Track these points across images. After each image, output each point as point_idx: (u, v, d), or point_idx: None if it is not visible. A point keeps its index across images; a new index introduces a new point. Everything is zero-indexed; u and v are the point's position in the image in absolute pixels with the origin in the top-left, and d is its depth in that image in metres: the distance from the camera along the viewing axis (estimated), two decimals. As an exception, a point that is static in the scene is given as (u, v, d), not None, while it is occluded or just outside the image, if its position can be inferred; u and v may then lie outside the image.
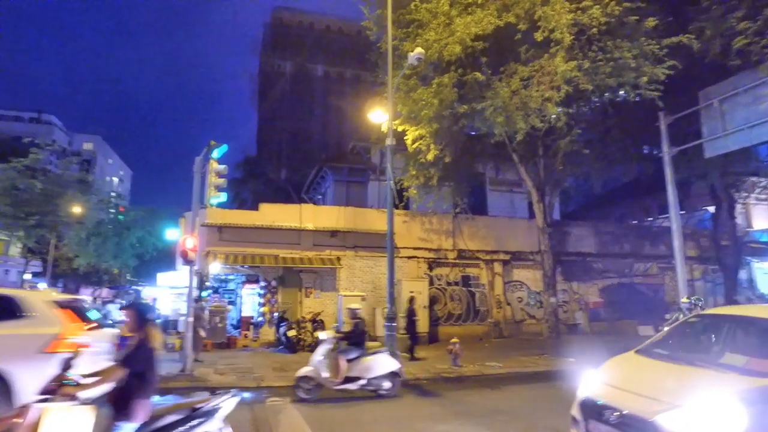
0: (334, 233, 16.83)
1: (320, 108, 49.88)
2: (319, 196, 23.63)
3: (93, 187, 30.25)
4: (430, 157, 14.00)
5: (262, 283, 16.71)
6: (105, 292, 37.09)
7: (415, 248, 17.97)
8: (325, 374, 8.46)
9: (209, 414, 3.91)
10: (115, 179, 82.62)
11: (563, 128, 12.62)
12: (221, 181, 12.80)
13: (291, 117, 47.67)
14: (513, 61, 12.49)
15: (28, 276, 30.68)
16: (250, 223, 16.50)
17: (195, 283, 12.83)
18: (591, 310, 19.47)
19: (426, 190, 16.21)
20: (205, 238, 15.75)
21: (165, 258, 29.95)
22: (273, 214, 16.75)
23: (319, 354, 8.59)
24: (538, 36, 11.26)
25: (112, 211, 32.72)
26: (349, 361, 8.66)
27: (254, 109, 52.55)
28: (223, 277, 17.25)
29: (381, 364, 8.68)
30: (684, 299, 10.41)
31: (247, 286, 17.09)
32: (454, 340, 12.03)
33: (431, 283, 17.94)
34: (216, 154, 12.75)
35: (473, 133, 16.29)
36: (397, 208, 14.72)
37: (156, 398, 3.91)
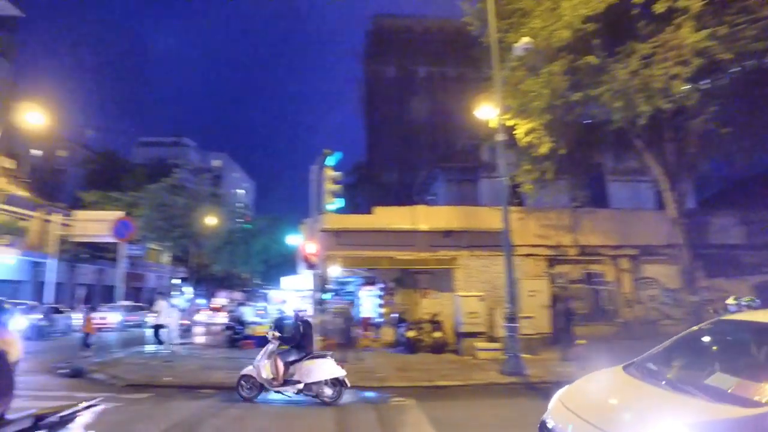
0: (447, 233, 16.81)
1: (426, 109, 50.08)
2: (431, 197, 23.78)
3: (223, 200, 33.52)
4: (543, 150, 13.38)
5: (380, 285, 17.21)
6: (238, 294, 40.87)
7: (532, 246, 17.30)
8: (266, 375, 8.46)
9: (57, 426, 3.20)
10: (241, 191, 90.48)
11: (695, 106, 11.33)
12: (337, 187, 13.44)
13: (397, 120, 48.51)
14: (630, 40, 11.50)
15: (176, 281, 34.91)
16: (365, 226, 17.07)
17: (317, 286, 13.61)
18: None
19: (541, 185, 15.52)
20: (324, 242, 16.61)
21: (288, 263, 32.23)
22: (387, 217, 17.17)
23: (262, 355, 8.64)
24: (659, 7, 10.21)
25: (240, 220, 35.90)
26: (289, 363, 8.60)
27: (362, 114, 54.46)
28: (342, 280, 18.09)
29: (321, 369, 8.41)
30: (731, 300, 8.55)
31: (366, 288, 17.70)
32: (581, 341, 11.42)
33: (552, 281, 17.15)
34: (330, 161, 13.44)
35: (589, 121, 15.28)
36: (511, 204, 14.30)
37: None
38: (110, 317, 24.62)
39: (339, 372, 8.48)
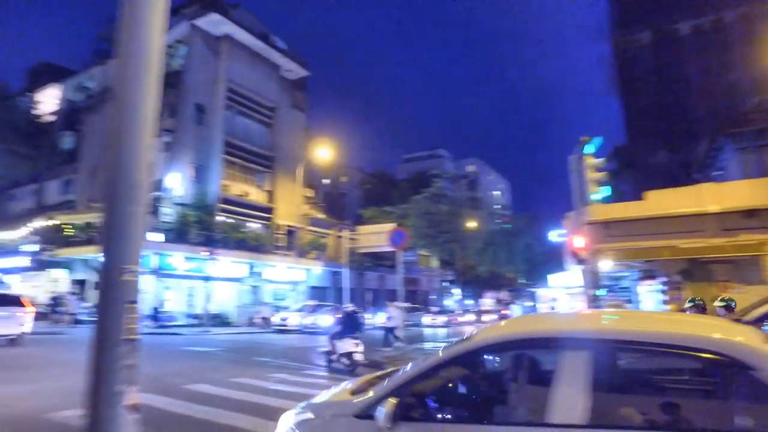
0: (750, 213, 13.77)
1: (695, 71, 42.23)
2: (717, 173, 19.89)
3: (482, 203, 34.74)
4: None
5: (662, 279, 15.20)
6: (504, 295, 41.55)
7: None
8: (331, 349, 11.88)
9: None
10: (497, 193, 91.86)
11: None
12: (600, 175, 12.54)
13: (659, 92, 42.15)
14: None
15: (445, 283, 37.66)
16: (636, 214, 15.37)
17: (588, 282, 12.84)
18: None
19: None
20: (592, 235, 15.56)
21: (552, 260, 31.27)
22: (662, 202, 15.10)
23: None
24: None
25: (498, 221, 36.54)
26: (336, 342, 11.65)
27: (613, 94, 49.24)
28: (615, 275, 16.64)
29: (342, 346, 11.34)
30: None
31: (644, 282, 15.88)
32: None
33: None
34: (590, 149, 12.61)
35: None
36: None
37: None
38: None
39: (353, 349, 11.17)
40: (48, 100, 37.59)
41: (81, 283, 29.79)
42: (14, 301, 15.27)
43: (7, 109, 31.11)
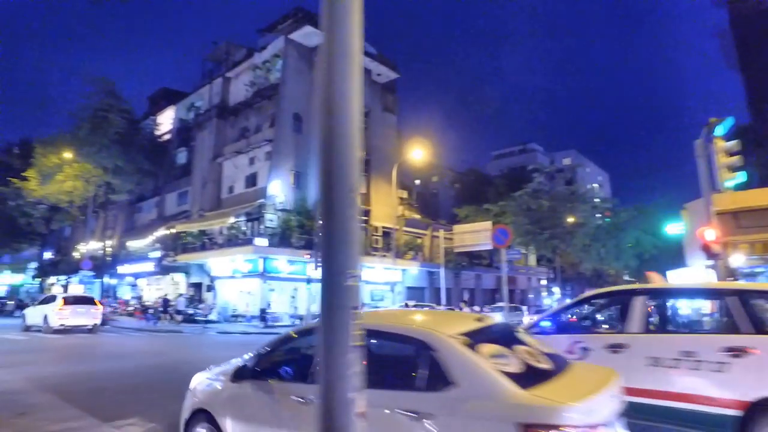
0: None
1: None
2: None
3: (583, 197, 32.79)
4: None
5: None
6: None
7: None
8: None
9: None
10: (596, 186, 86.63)
11: None
12: (734, 159, 11.26)
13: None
14: None
15: (543, 282, 36.02)
16: (776, 202, 13.54)
17: (723, 279, 11.53)
18: None
19: None
20: (720, 227, 14.00)
21: (665, 255, 28.68)
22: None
23: None
24: None
25: (598, 216, 34.29)
26: None
27: (731, 67, 44.30)
28: (748, 271, 14.80)
29: None
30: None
31: (789, 277, 13.96)
32: None
33: None
34: (720, 131, 11.36)
35: None
36: None
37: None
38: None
39: None
40: (165, 121, 41.42)
41: (197, 285, 32.39)
42: (90, 301, 21.49)
43: (134, 132, 34.65)
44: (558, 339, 5.61)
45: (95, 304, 21.32)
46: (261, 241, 26.60)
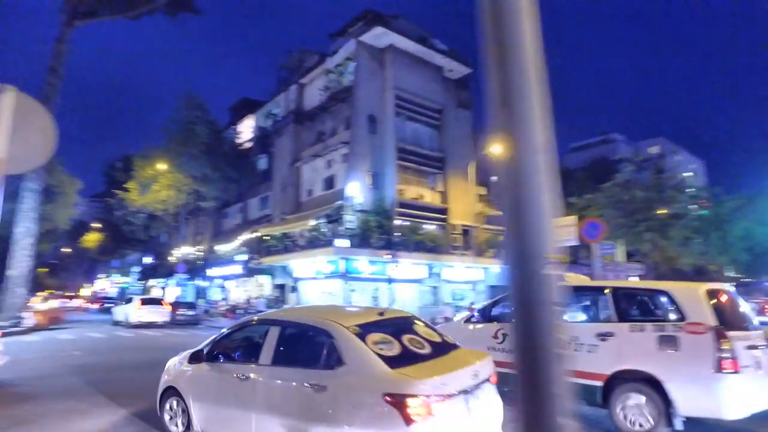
0: None
1: None
2: None
3: (678, 187, 30.14)
4: None
5: None
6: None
7: None
8: None
9: None
10: (688, 174, 79.89)
11: None
12: None
13: None
14: None
15: (634, 279, 33.39)
16: None
17: None
18: None
19: None
20: None
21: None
22: None
23: None
24: None
25: (693, 206, 31.38)
26: None
27: None
28: None
29: None
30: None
31: None
32: None
33: None
34: None
35: None
36: None
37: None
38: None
39: None
40: (246, 130, 43.33)
41: (281, 287, 33.47)
42: (159, 302, 27.45)
43: (218, 141, 36.57)
44: (488, 327, 7.58)
45: (163, 305, 26.93)
46: (342, 242, 26.93)
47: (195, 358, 5.25)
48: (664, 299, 6.09)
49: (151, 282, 52.07)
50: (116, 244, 51.70)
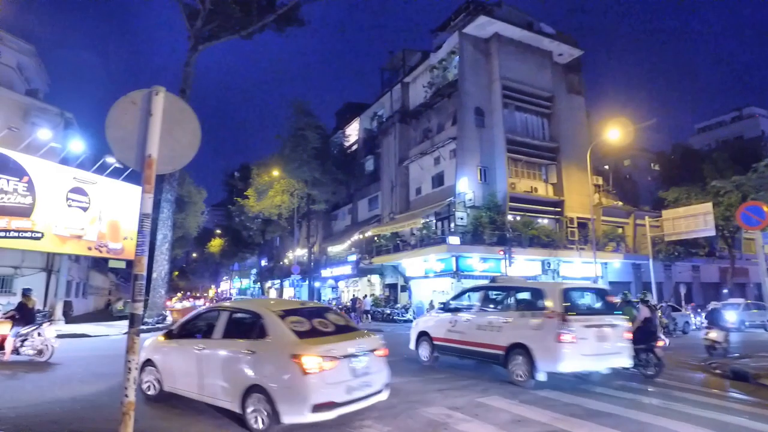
0: None
1: None
2: None
3: None
4: None
5: None
6: None
7: None
8: None
9: None
10: None
11: None
12: None
13: None
14: None
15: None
16: None
17: None
18: None
19: None
20: None
21: None
22: None
23: None
24: None
25: None
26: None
27: None
28: None
29: None
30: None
31: None
32: None
33: None
34: None
35: None
36: None
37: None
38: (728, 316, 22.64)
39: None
40: (352, 133, 44.43)
41: (392, 286, 33.69)
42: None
43: (327, 146, 37.82)
44: (445, 316, 10.77)
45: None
46: (454, 240, 26.43)
47: (167, 336, 7.14)
48: (539, 294, 8.94)
49: (267, 283, 55.37)
50: (236, 248, 55.64)
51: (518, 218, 28.77)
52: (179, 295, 57.84)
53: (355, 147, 43.41)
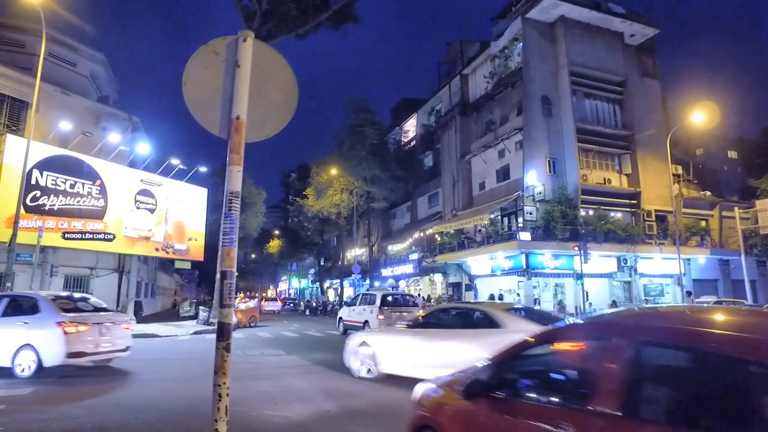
0: None
1: None
2: None
3: None
4: None
5: None
6: None
7: None
8: None
9: None
10: None
11: None
12: None
13: None
14: None
15: None
16: None
17: None
18: None
19: None
20: None
21: None
22: None
23: None
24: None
25: None
26: None
27: None
28: None
29: None
30: None
31: None
32: None
33: None
34: None
35: None
36: None
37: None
38: None
39: None
40: (409, 129, 43.69)
41: (456, 285, 32.67)
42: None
43: (385, 142, 37.26)
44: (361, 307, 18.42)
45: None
46: (525, 235, 25.11)
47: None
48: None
49: (326, 283, 55.57)
50: (294, 248, 56.23)
51: (591, 212, 27.04)
52: (242, 295, 58.95)
53: (412, 143, 42.65)
